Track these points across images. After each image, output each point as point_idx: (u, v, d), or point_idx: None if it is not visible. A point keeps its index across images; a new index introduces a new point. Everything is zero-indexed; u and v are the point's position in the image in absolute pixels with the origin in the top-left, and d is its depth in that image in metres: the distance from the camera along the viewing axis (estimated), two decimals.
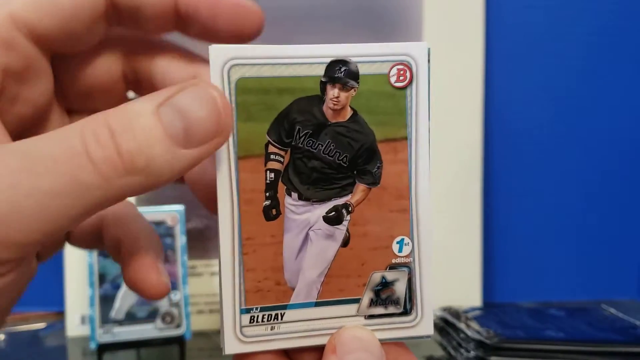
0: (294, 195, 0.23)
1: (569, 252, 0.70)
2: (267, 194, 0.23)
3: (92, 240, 0.26)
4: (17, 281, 0.20)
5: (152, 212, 0.52)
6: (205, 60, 0.24)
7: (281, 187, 0.23)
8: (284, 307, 0.23)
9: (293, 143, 0.23)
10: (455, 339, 0.55)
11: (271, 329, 0.23)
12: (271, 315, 0.23)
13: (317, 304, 0.24)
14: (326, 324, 0.24)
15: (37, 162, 0.18)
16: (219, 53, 0.22)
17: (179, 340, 0.51)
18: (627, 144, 0.69)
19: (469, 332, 0.52)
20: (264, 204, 0.23)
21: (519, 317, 0.58)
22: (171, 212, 0.52)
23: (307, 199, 0.23)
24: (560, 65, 0.68)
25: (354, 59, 0.23)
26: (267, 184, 0.23)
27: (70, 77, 0.25)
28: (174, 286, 0.52)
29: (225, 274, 0.23)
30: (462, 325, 0.54)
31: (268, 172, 0.23)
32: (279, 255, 0.23)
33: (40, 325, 0.62)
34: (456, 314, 0.57)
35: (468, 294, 0.64)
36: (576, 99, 0.68)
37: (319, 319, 0.24)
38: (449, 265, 0.62)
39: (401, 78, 0.23)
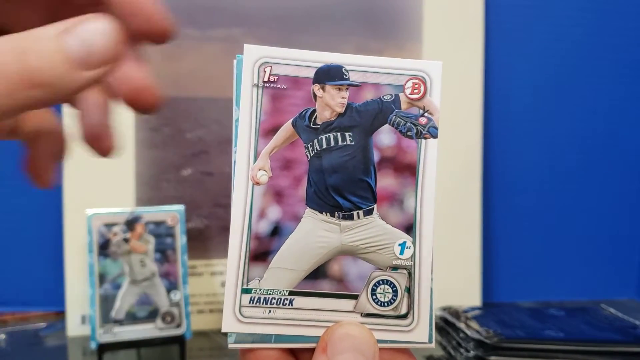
0: None
1: (569, 252, 0.70)
2: None
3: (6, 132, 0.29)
4: None
5: (152, 212, 0.52)
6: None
7: None
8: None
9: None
10: (455, 338, 0.55)
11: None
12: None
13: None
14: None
15: None
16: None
17: (179, 340, 0.51)
18: (627, 145, 0.69)
19: (469, 332, 0.53)
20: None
21: (519, 317, 0.58)
22: (171, 212, 0.52)
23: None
24: (560, 65, 0.68)
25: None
26: None
27: None
28: (174, 286, 0.52)
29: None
30: (461, 325, 0.54)
31: None
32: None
33: (41, 325, 0.62)
34: (456, 313, 0.57)
35: (468, 293, 0.64)
36: (576, 99, 0.68)
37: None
38: (449, 265, 0.62)
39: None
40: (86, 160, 0.60)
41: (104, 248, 0.50)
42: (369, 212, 0.25)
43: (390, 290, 0.24)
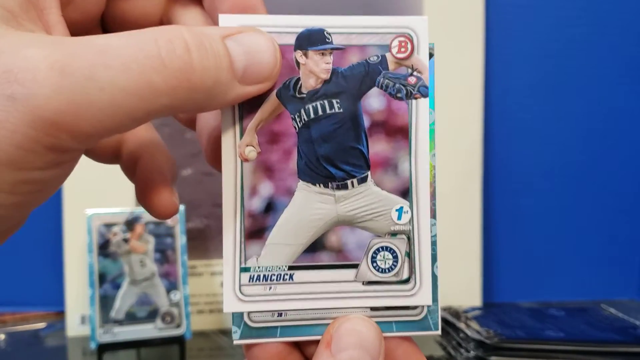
0: None
1: (569, 252, 0.70)
2: None
3: (110, 155, 0.27)
4: (66, 174, 0.21)
5: None
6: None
7: None
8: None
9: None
10: (455, 338, 0.55)
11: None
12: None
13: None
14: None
15: (113, 58, 0.18)
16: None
17: (179, 340, 0.51)
18: (628, 145, 0.69)
19: (469, 332, 0.52)
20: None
21: (519, 317, 0.58)
22: None
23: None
24: (561, 65, 0.68)
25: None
26: None
27: (114, 2, 0.25)
28: (174, 286, 0.52)
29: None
30: (462, 325, 0.54)
31: None
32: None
33: (41, 325, 0.62)
34: (456, 314, 0.57)
35: (468, 294, 0.64)
36: (576, 99, 0.68)
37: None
38: (449, 265, 0.62)
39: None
40: (86, 161, 0.60)
41: (104, 248, 0.50)
42: (363, 180, 0.24)
43: (390, 257, 0.24)
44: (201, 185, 0.62)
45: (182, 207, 0.53)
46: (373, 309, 0.24)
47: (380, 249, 0.24)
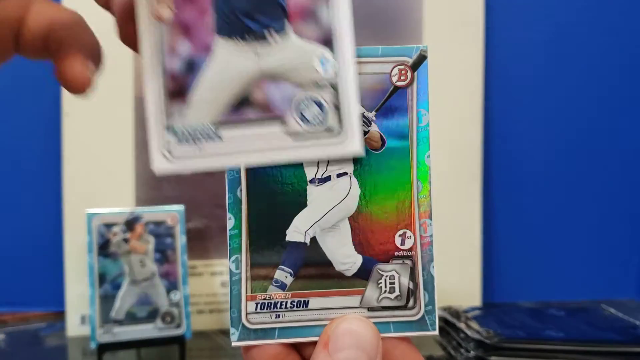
0: None
1: (569, 252, 0.70)
2: None
3: (40, 48, 0.26)
4: None
5: (152, 212, 0.52)
6: None
7: None
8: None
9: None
10: (455, 338, 0.55)
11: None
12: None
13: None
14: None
15: None
16: None
17: (179, 340, 0.51)
18: (627, 144, 0.69)
19: (469, 332, 0.52)
20: None
21: (519, 317, 0.58)
22: (171, 212, 0.52)
23: None
24: (560, 65, 0.68)
25: None
26: None
27: None
28: (174, 286, 0.52)
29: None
30: (462, 325, 0.54)
31: None
32: None
33: (40, 325, 0.62)
34: (456, 314, 0.57)
35: (468, 293, 0.64)
36: (576, 98, 0.68)
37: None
38: (449, 265, 0.62)
39: None
40: (86, 160, 0.61)
41: (104, 248, 0.50)
42: (282, 31, 0.23)
43: (316, 108, 0.23)
44: (201, 185, 0.62)
45: (182, 207, 0.53)
46: (370, 309, 0.24)
47: (307, 101, 0.23)
